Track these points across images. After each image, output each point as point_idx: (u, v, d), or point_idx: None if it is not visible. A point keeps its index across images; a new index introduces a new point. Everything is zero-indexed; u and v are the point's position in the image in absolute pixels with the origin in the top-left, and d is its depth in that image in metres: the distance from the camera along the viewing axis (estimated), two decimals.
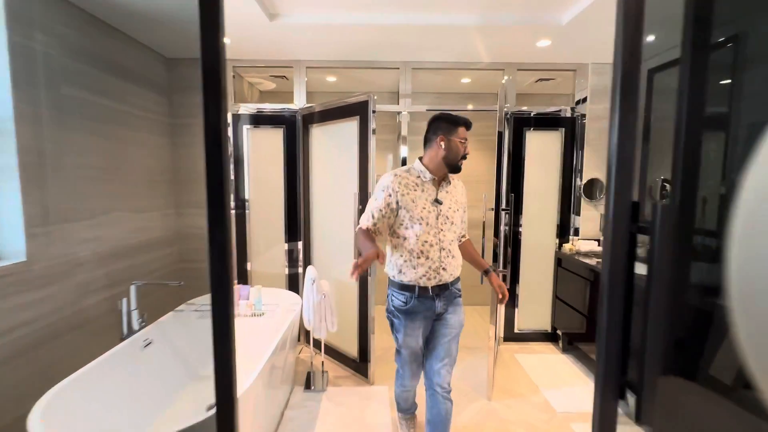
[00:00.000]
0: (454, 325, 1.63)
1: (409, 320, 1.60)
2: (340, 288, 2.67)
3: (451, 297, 1.64)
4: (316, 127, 2.75)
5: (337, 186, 2.64)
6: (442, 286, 1.59)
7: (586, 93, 2.87)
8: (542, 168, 2.98)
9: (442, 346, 1.62)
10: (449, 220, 1.60)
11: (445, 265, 1.57)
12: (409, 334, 1.62)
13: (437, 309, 1.61)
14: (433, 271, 1.56)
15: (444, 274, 1.58)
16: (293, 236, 2.99)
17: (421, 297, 1.58)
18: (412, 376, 1.75)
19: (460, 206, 1.67)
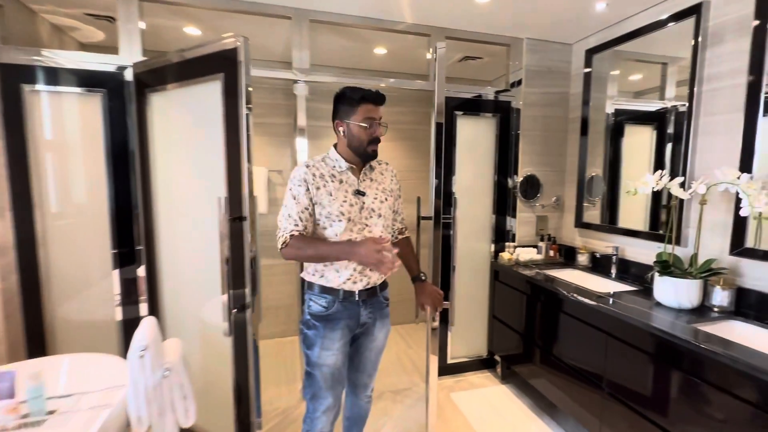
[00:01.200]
0: (381, 338, 1.48)
1: (329, 329, 1.36)
2: (205, 335, 1.74)
3: (379, 306, 1.45)
4: (158, 94, 1.75)
5: (195, 186, 1.70)
6: (370, 291, 1.40)
7: (521, 75, 2.43)
8: (474, 162, 2.46)
9: (367, 359, 1.48)
10: (376, 212, 1.37)
11: None
12: (327, 347, 1.35)
13: (362, 318, 1.40)
14: (358, 273, 1.35)
15: (372, 275, 1.38)
16: (130, 259, 1.94)
17: (345, 301, 1.36)
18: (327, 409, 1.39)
19: (389, 194, 1.43)
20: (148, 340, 1.31)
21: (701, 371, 1.27)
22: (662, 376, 1.40)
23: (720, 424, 1.21)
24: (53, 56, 1.77)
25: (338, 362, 1.37)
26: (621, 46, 2.16)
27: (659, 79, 2.10)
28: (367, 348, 1.47)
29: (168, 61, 1.66)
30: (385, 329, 1.49)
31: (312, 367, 1.37)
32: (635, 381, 1.51)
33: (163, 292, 1.90)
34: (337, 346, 1.36)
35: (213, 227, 1.54)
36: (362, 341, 1.46)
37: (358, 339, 1.46)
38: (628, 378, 1.54)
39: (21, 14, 1.94)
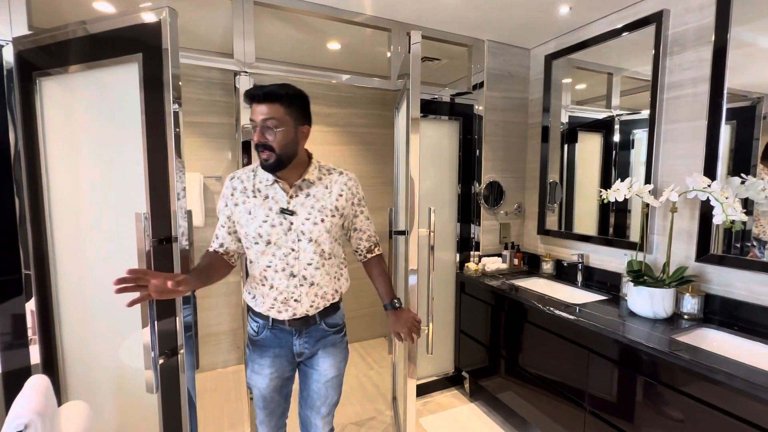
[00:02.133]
0: (326, 369, 1.27)
1: (258, 354, 1.25)
2: (127, 385, 1.37)
3: (320, 336, 1.26)
4: (52, 80, 1.35)
5: (104, 197, 1.33)
6: (304, 320, 1.22)
7: (482, 77, 2.34)
8: (437, 168, 2.32)
9: (315, 392, 1.29)
10: (306, 236, 1.17)
11: (297, 296, 1.18)
12: (257, 372, 1.26)
13: (297, 348, 1.24)
14: (280, 303, 1.18)
15: (298, 306, 1.19)
16: (13, 289, 1.49)
17: (275, 329, 1.23)
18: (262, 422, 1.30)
19: (331, 214, 1.20)
20: (31, 413, 0.95)
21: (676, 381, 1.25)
22: (641, 387, 1.35)
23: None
24: None
25: (269, 387, 1.26)
26: (574, 54, 2.18)
27: (605, 88, 2.15)
28: (311, 379, 1.29)
29: (65, 35, 1.28)
30: (331, 359, 1.28)
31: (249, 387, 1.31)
32: (611, 393, 1.46)
33: (63, 330, 1.48)
34: (266, 372, 1.24)
35: (133, 248, 1.20)
36: (306, 371, 1.30)
37: (303, 369, 1.31)
38: (603, 390, 1.49)
39: None
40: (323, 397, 1.29)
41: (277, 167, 1.13)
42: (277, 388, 1.27)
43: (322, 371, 1.27)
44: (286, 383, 1.29)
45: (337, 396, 1.33)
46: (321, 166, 1.26)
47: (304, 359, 1.28)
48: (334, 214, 1.21)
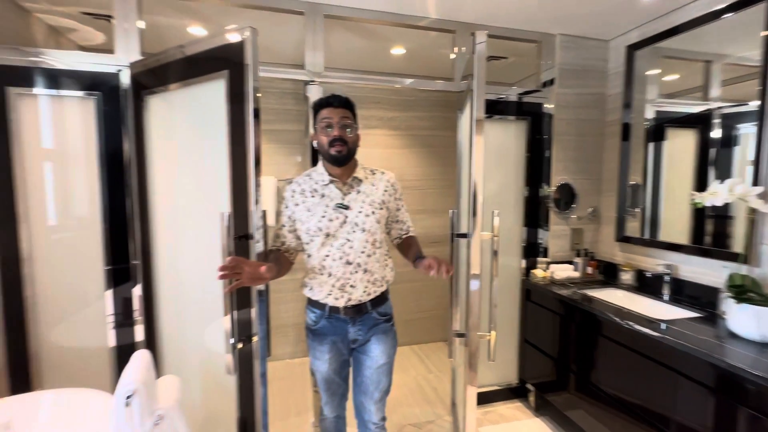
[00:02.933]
0: (378, 355, 1.39)
1: (317, 342, 1.40)
2: (210, 363, 1.53)
3: (372, 323, 1.39)
4: (156, 97, 1.57)
5: (195, 198, 1.51)
6: (357, 309, 1.35)
7: (554, 74, 2.22)
8: (502, 170, 2.24)
9: (368, 378, 1.40)
10: (359, 227, 1.32)
11: (353, 281, 1.33)
12: (317, 357, 1.41)
13: (351, 335, 1.38)
14: (337, 289, 1.33)
15: (353, 291, 1.33)
16: (124, 277, 1.75)
17: (331, 318, 1.37)
18: (326, 403, 1.47)
19: (379, 207, 1.36)
20: (137, 383, 1.11)
21: None
22: (744, 421, 1.17)
23: None
24: (42, 56, 1.60)
25: (329, 371, 1.40)
26: (662, 43, 1.96)
27: (702, 77, 1.90)
28: (364, 365, 1.41)
29: (166, 58, 1.48)
30: (382, 346, 1.39)
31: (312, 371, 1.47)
32: (703, 423, 1.29)
33: (161, 313, 1.70)
34: (326, 357, 1.39)
35: (218, 243, 1.35)
36: (359, 358, 1.42)
37: (356, 356, 1.43)
38: (693, 419, 1.32)
39: (12, 13, 1.79)
40: (376, 383, 1.40)
41: (346, 160, 1.31)
42: (337, 372, 1.41)
43: (375, 357, 1.38)
44: (344, 367, 1.43)
45: (388, 383, 1.43)
46: (365, 168, 1.42)
47: (358, 346, 1.40)
48: (382, 207, 1.36)
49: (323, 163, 1.37)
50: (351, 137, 1.31)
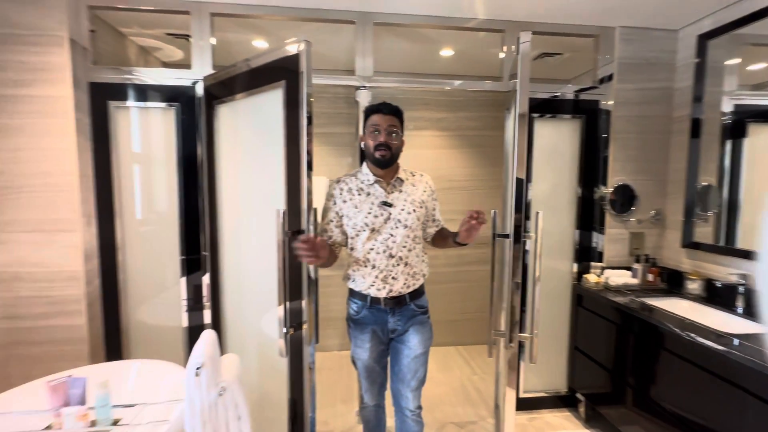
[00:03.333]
0: (415, 345, 1.48)
1: (359, 331, 1.51)
2: (264, 346, 1.69)
3: (410, 314, 1.48)
4: (224, 105, 1.76)
5: (255, 196, 1.67)
6: (397, 300, 1.46)
7: (613, 69, 2.10)
8: (553, 170, 2.17)
9: (406, 367, 1.49)
10: (402, 223, 1.43)
11: (395, 274, 1.43)
12: (359, 346, 1.52)
13: (391, 325, 1.47)
14: (380, 280, 1.43)
15: (395, 283, 1.43)
16: (196, 266, 1.97)
17: (372, 308, 1.47)
18: (366, 391, 1.56)
19: (417, 206, 1.47)
20: (205, 357, 1.27)
21: None
22: None
23: None
24: (134, 73, 1.87)
25: (369, 359, 1.49)
26: (744, 29, 1.77)
27: None
28: (402, 354, 1.49)
29: (234, 71, 1.65)
30: (419, 336, 1.48)
31: (352, 357, 1.55)
32: None
33: (225, 300, 1.89)
34: (367, 346, 1.48)
35: (274, 238, 1.48)
36: (398, 347, 1.50)
37: (395, 346, 1.51)
38: None
39: (111, 37, 2.10)
40: (413, 372, 1.47)
41: (389, 163, 1.44)
42: (376, 360, 1.51)
43: (412, 347, 1.47)
44: (383, 356, 1.53)
45: (424, 372, 1.51)
46: (405, 170, 1.53)
47: (396, 336, 1.49)
48: (421, 206, 1.48)
49: (368, 164, 1.48)
50: (395, 143, 1.42)
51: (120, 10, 1.90)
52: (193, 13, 1.87)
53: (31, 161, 1.76)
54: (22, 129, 1.75)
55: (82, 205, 1.82)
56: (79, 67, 1.80)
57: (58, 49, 1.75)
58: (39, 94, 1.75)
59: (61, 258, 1.80)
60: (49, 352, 1.82)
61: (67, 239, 1.80)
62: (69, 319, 1.82)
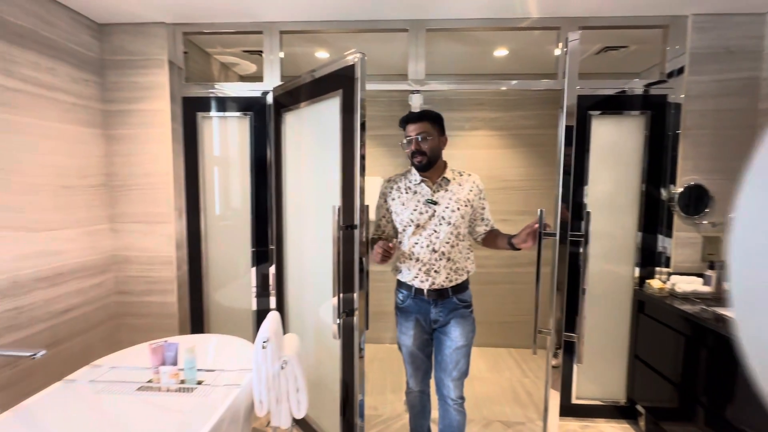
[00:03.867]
0: (457, 337, 1.56)
1: (404, 318, 1.63)
2: (321, 332, 1.87)
3: (452, 307, 1.57)
4: (290, 113, 1.97)
5: (316, 193, 1.85)
6: (440, 293, 1.55)
7: (684, 61, 1.96)
8: (614, 169, 2.08)
9: (448, 357, 1.57)
10: (446, 220, 1.52)
11: (437, 267, 1.53)
12: (403, 332, 1.63)
13: (433, 315, 1.57)
14: (424, 273, 1.54)
15: (437, 276, 1.53)
16: (264, 257, 2.22)
17: (416, 298, 1.58)
18: (411, 376, 1.67)
19: (462, 204, 1.55)
20: (271, 333, 1.46)
21: None
22: None
23: None
24: (217, 88, 2.17)
25: (413, 346, 1.60)
26: None
27: None
28: (444, 345, 1.58)
29: (298, 82, 1.85)
30: (460, 329, 1.56)
31: (399, 346, 1.66)
32: None
33: (288, 287, 2.11)
34: (411, 333, 1.59)
35: (328, 235, 1.64)
36: (440, 338, 1.59)
37: (438, 336, 1.60)
38: None
39: (199, 56, 2.44)
40: (454, 362, 1.55)
41: (427, 167, 1.53)
42: (420, 348, 1.61)
43: (454, 338, 1.55)
44: (426, 345, 1.62)
45: (466, 364, 1.58)
46: (453, 170, 1.61)
47: (439, 327, 1.59)
48: (467, 205, 1.55)
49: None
50: (427, 146, 1.50)
51: (208, 34, 2.20)
52: (265, 32, 2.12)
53: (137, 164, 2.13)
54: (132, 138, 2.12)
55: (175, 200, 2.15)
56: (175, 84, 2.14)
57: (160, 70, 2.09)
58: (144, 108, 2.11)
59: (158, 245, 2.15)
60: (148, 324, 2.18)
61: (163, 230, 2.14)
62: (163, 297, 2.17)
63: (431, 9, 1.95)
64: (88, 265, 2.01)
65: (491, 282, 3.07)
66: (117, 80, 2.10)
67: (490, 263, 3.06)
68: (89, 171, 2.01)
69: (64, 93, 1.86)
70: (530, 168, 3.01)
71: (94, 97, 2.05)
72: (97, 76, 2.07)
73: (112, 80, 2.10)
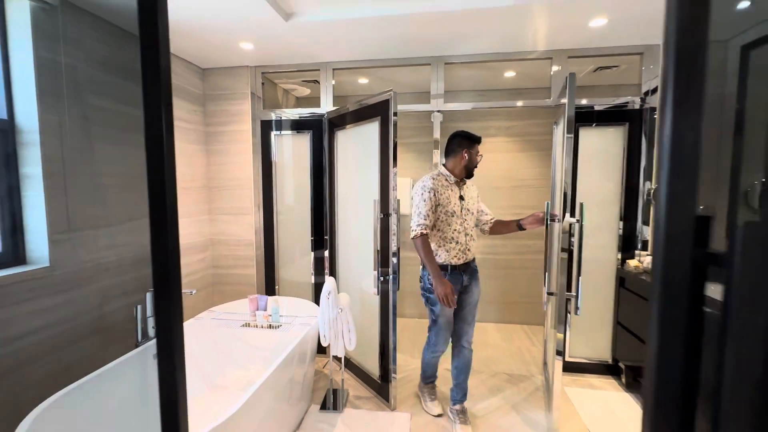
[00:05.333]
0: (476, 293, 2.09)
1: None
2: (363, 301, 2.49)
3: (473, 271, 2.09)
4: (340, 131, 2.62)
5: (360, 193, 2.48)
6: (466, 265, 2.04)
7: (658, 82, 2.39)
8: (602, 169, 2.54)
9: (470, 311, 2.08)
10: (469, 212, 2.08)
11: (469, 246, 2.05)
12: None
13: (464, 282, 2.04)
14: (461, 252, 2.02)
15: (469, 254, 2.05)
16: (320, 245, 2.88)
17: (453, 273, 2.01)
18: (444, 342, 2.10)
19: (474, 201, 2.14)
20: (331, 288, 2.11)
21: None
22: None
23: None
24: (285, 113, 2.86)
25: (450, 313, 2.05)
26: None
27: None
28: (467, 302, 2.08)
29: (347, 109, 2.49)
30: (478, 288, 2.10)
31: (436, 317, 2.05)
32: None
33: (339, 266, 2.76)
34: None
35: (369, 224, 2.26)
36: (463, 297, 2.07)
37: (461, 296, 2.07)
38: None
39: (270, 86, 3.16)
40: (473, 313, 2.09)
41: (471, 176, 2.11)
42: (453, 314, 2.08)
43: (474, 294, 2.08)
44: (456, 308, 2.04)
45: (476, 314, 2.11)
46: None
47: (463, 288, 2.06)
48: (476, 202, 2.13)
49: (447, 168, 2.05)
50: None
51: (280, 73, 2.91)
52: (321, 69, 2.78)
53: (228, 171, 2.86)
54: (224, 151, 2.86)
55: (254, 198, 2.86)
56: (255, 110, 2.85)
57: (244, 100, 2.81)
58: (233, 129, 2.84)
59: (242, 231, 2.87)
60: (234, 290, 2.91)
61: (246, 220, 2.87)
62: (246, 270, 2.89)
63: (448, 48, 2.52)
64: (197, 244, 2.76)
65: (507, 267, 3.57)
66: (215, 109, 2.85)
67: (505, 250, 3.56)
68: (196, 176, 2.77)
69: (182, 121, 2.62)
70: (541, 169, 3.48)
71: (200, 122, 2.81)
72: (201, 106, 2.83)
73: (211, 109, 2.85)
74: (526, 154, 3.52)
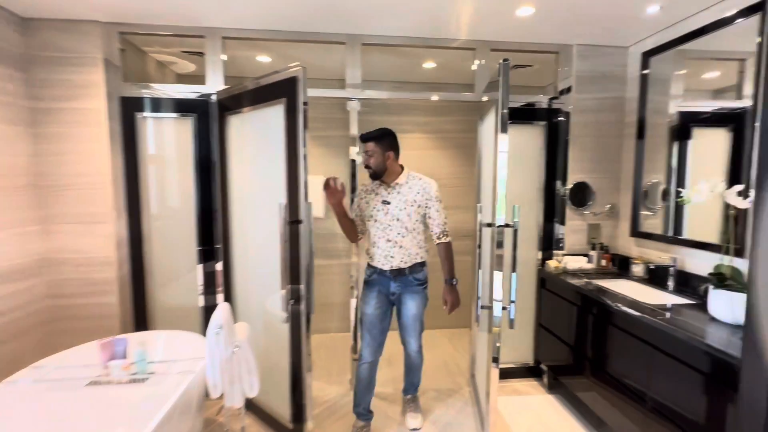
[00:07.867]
0: (411, 306, 1.96)
1: (368, 289, 1.98)
2: (268, 324, 2.01)
3: (408, 283, 1.95)
4: (235, 116, 2.08)
5: (261, 193, 1.98)
6: (398, 271, 1.92)
7: (571, 81, 2.41)
8: (520, 169, 2.48)
9: (406, 321, 1.99)
10: (395, 217, 1.89)
11: (392, 253, 1.90)
12: (366, 302, 1.96)
13: (392, 288, 1.94)
14: (384, 258, 1.91)
15: (393, 260, 1.91)
16: (210, 255, 2.29)
17: (379, 274, 1.94)
18: (367, 345, 1.95)
19: (409, 204, 1.89)
20: (223, 320, 1.59)
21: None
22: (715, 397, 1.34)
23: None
24: (157, 88, 2.19)
25: (373, 315, 1.92)
26: (686, 45, 2.04)
27: (736, 76, 1.94)
28: (402, 312, 1.99)
29: (244, 88, 1.97)
30: (414, 301, 1.95)
31: (360, 314, 1.99)
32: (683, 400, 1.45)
33: (236, 284, 2.22)
34: (372, 303, 1.93)
35: (275, 229, 1.80)
36: (399, 307, 1.99)
37: (398, 306, 1.99)
38: (675, 397, 1.48)
39: (135, 55, 2.42)
40: (412, 325, 1.98)
41: (374, 177, 1.92)
42: (378, 317, 1.93)
43: (409, 307, 1.95)
44: (384, 316, 1.95)
45: (420, 325, 2.00)
46: (410, 174, 1.93)
47: (396, 298, 1.96)
48: (413, 205, 1.89)
49: None
50: (372, 162, 1.88)
51: (145, 35, 2.21)
52: (207, 37, 2.19)
53: (71, 163, 2.09)
54: (65, 136, 2.07)
55: (114, 200, 2.14)
56: (112, 83, 2.12)
57: (94, 68, 2.07)
58: (78, 107, 2.07)
59: (97, 246, 2.13)
60: (88, 327, 2.14)
61: (102, 230, 2.13)
62: (104, 297, 2.15)
63: (366, 26, 2.17)
64: (15, 269, 1.94)
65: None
66: (45, 77, 2.04)
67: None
68: (15, 171, 1.94)
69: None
70: (458, 167, 3.39)
71: (20, 95, 1.98)
72: (21, 72, 1.99)
73: (40, 77, 2.03)
74: (443, 152, 3.39)
